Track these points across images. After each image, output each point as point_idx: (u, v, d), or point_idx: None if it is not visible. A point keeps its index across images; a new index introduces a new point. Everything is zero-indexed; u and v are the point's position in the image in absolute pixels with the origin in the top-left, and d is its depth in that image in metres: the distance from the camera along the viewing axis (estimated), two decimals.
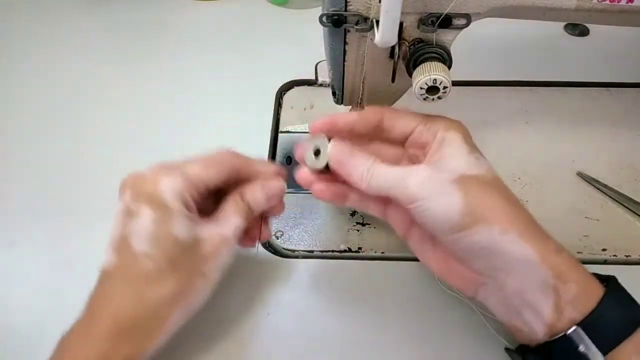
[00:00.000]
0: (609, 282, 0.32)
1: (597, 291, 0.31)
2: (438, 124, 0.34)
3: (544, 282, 0.30)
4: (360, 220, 0.47)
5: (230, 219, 0.34)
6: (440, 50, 0.35)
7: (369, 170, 0.32)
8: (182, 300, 0.33)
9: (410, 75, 0.35)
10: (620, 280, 0.39)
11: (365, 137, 0.36)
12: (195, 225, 0.33)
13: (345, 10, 0.34)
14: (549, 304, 0.30)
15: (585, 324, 0.29)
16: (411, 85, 0.35)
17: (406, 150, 0.36)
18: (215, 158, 0.36)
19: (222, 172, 0.35)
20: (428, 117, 0.35)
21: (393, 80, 0.38)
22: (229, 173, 0.35)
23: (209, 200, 0.36)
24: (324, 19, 0.35)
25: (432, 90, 0.34)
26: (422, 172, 0.32)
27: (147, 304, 0.31)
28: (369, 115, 0.35)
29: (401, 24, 0.34)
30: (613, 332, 0.29)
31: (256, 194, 0.36)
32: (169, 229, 0.32)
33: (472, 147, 0.34)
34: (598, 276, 0.32)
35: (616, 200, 0.48)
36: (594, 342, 0.29)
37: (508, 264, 0.31)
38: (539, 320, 0.31)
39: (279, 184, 0.37)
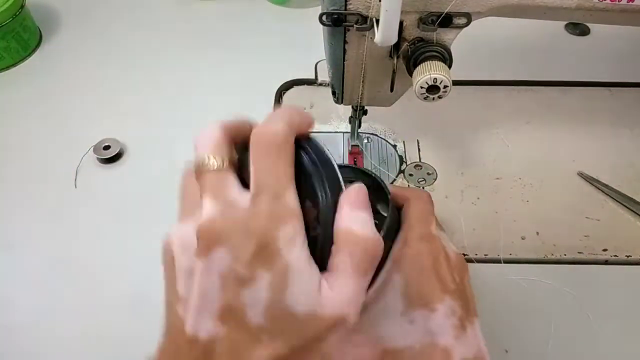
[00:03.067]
0: None
1: None
2: None
3: None
4: None
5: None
6: (441, 49, 0.35)
7: None
8: None
9: (411, 74, 0.35)
10: (620, 281, 0.38)
11: None
12: None
13: (345, 9, 0.34)
14: None
15: None
16: (411, 84, 0.35)
17: None
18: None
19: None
20: None
21: (392, 89, 0.38)
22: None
23: None
24: (324, 18, 0.35)
25: (433, 89, 0.34)
26: None
27: None
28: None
29: (401, 23, 0.34)
30: None
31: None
32: None
33: None
34: None
35: (617, 200, 0.48)
36: None
37: None
38: None
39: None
